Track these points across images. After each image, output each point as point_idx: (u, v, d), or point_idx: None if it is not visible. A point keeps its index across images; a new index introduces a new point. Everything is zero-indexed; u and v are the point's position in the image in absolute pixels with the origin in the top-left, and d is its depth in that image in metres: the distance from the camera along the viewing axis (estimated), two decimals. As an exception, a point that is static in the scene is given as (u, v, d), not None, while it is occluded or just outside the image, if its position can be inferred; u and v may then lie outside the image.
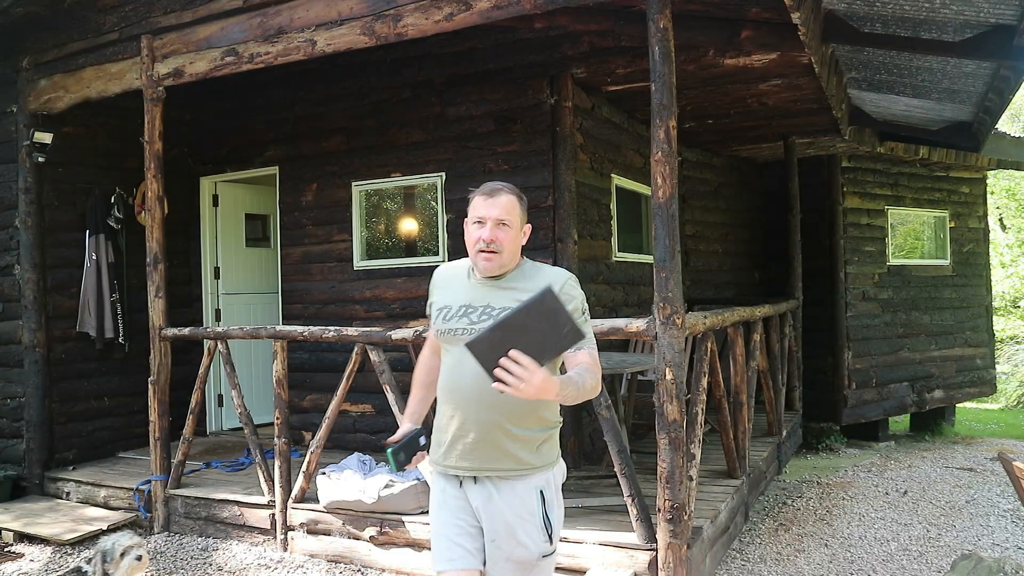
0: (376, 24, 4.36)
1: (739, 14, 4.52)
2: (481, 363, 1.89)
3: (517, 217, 2.27)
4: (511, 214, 2.25)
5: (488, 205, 2.24)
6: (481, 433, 2.21)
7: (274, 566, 4.45)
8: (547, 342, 1.90)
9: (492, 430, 2.20)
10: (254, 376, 7.21)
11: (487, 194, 2.27)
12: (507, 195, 2.27)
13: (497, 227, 2.23)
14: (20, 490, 5.78)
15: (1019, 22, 4.34)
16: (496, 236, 2.22)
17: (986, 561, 3.81)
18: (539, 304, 1.88)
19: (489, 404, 2.16)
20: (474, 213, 2.27)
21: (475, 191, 2.31)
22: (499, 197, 2.25)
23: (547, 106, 5.47)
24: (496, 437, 2.20)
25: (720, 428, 4.72)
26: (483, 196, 2.27)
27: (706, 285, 8.46)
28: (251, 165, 6.80)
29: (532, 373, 1.86)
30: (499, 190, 2.27)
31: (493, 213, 2.23)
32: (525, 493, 2.23)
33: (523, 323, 1.87)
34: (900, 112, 7.20)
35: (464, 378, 2.18)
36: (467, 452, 2.24)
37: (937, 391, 9.40)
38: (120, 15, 5.29)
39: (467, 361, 1.98)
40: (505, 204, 2.25)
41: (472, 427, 2.22)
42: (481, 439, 2.21)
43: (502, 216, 2.24)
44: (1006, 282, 15.72)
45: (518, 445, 2.22)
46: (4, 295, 6.00)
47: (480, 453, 2.23)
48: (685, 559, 3.54)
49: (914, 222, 9.64)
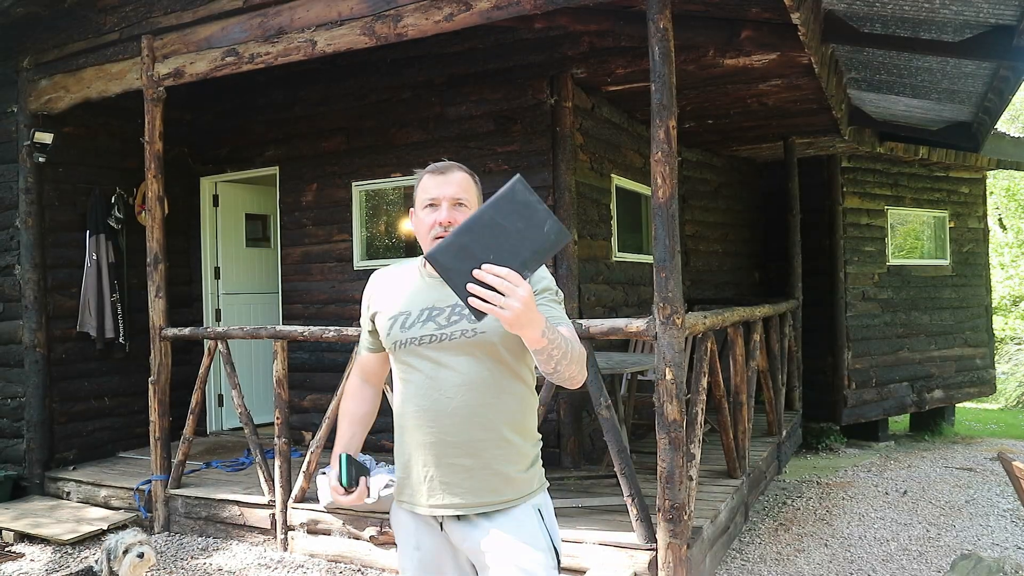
0: (376, 24, 4.36)
1: (739, 14, 4.53)
2: (448, 280, 1.52)
3: (474, 198, 1.95)
4: (468, 193, 1.92)
5: (440, 183, 1.91)
6: (471, 455, 1.84)
7: (274, 566, 4.45)
8: (526, 244, 1.52)
9: (486, 448, 1.85)
10: (254, 376, 7.21)
11: (437, 172, 1.94)
12: (460, 172, 1.94)
13: (454, 208, 1.89)
14: (20, 490, 5.78)
15: (1019, 22, 4.35)
16: (455, 218, 1.87)
17: (985, 561, 3.82)
18: (510, 197, 1.52)
19: (482, 414, 1.84)
20: (424, 195, 1.93)
21: (421, 171, 1.99)
22: (452, 174, 1.92)
23: (547, 106, 5.48)
24: (490, 457, 1.85)
25: (720, 428, 4.72)
26: (433, 175, 1.94)
27: (706, 285, 8.46)
28: (251, 165, 6.81)
29: (516, 284, 1.50)
30: (450, 167, 1.95)
31: (448, 192, 1.90)
32: (522, 516, 1.88)
33: (494, 222, 1.52)
34: (900, 112, 7.20)
35: (444, 391, 1.84)
36: (451, 485, 1.85)
37: (937, 391, 9.40)
38: (120, 15, 5.29)
39: (444, 372, 1.82)
40: (460, 181, 1.92)
41: (459, 451, 1.84)
42: (472, 464, 1.84)
43: (458, 195, 1.90)
44: (1006, 282, 15.72)
45: (514, 461, 1.87)
46: (5, 295, 6.00)
47: (470, 483, 1.85)
48: (685, 559, 3.55)
49: (914, 222, 9.64)
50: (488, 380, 1.85)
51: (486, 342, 1.83)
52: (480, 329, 1.82)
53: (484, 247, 1.51)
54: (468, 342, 1.83)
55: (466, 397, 1.83)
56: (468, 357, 1.84)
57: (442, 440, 1.85)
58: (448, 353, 1.85)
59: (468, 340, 1.83)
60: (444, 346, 1.85)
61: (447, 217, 1.87)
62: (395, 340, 1.91)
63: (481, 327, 1.81)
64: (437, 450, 1.85)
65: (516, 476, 1.88)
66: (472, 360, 1.84)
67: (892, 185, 9.21)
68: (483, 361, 1.84)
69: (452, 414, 1.84)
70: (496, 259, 1.51)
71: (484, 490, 1.85)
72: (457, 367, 1.83)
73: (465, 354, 1.84)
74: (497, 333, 1.80)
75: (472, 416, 1.83)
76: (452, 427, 1.84)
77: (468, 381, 1.82)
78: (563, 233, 1.54)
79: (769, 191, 9.24)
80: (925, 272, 9.45)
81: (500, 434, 1.86)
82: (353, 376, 2.16)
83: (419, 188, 1.95)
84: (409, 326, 1.89)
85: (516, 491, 1.88)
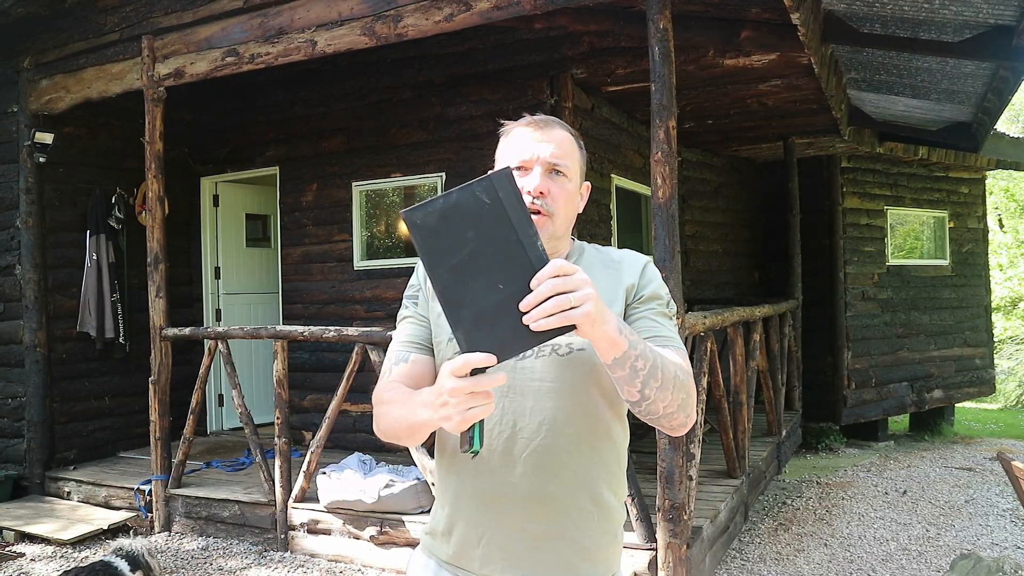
0: (376, 24, 4.37)
1: (739, 14, 4.54)
2: (455, 319, 1.08)
3: (577, 165, 1.43)
4: (569, 158, 1.41)
5: (536, 140, 1.40)
6: (547, 519, 1.34)
7: (274, 565, 4.46)
8: (512, 241, 1.08)
9: (568, 511, 1.35)
10: (254, 376, 7.22)
11: (535, 125, 1.42)
12: (562, 130, 1.43)
13: (549, 174, 1.39)
14: (21, 490, 5.79)
15: (1018, 23, 4.35)
16: (548, 187, 1.38)
17: (985, 560, 3.83)
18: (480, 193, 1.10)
19: (571, 464, 1.34)
20: (512, 152, 1.41)
21: (509, 124, 1.47)
22: (553, 130, 1.42)
23: (547, 106, 5.48)
24: (572, 523, 1.35)
25: (720, 428, 4.73)
26: (528, 127, 1.42)
27: (706, 285, 8.47)
28: (252, 165, 6.81)
29: (568, 272, 1.06)
30: (550, 121, 1.44)
31: (544, 152, 1.38)
32: None
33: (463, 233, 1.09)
34: (899, 112, 7.21)
35: (521, 428, 1.34)
36: (514, 556, 1.35)
37: (936, 391, 9.41)
38: (121, 15, 5.30)
39: (522, 403, 1.33)
40: (562, 141, 1.41)
41: (532, 511, 1.34)
42: (545, 531, 1.34)
43: (557, 159, 1.39)
44: (1004, 283, 15.72)
45: (603, 530, 1.38)
46: (5, 295, 6.01)
47: (543, 553, 1.34)
48: (685, 558, 3.55)
49: (913, 222, 9.64)
50: (583, 417, 1.35)
51: (584, 361, 1.33)
52: (578, 344, 1.33)
53: (475, 266, 1.08)
54: (560, 361, 1.34)
55: (551, 438, 1.33)
56: (556, 382, 1.34)
57: (510, 495, 1.34)
58: (531, 374, 1.35)
59: (560, 359, 1.34)
60: (526, 365, 1.35)
61: (540, 185, 1.37)
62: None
63: (579, 341, 1.31)
64: (500, 507, 1.35)
65: (600, 549, 1.39)
66: (563, 387, 1.34)
67: (892, 185, 9.22)
68: (577, 389, 1.34)
69: (528, 459, 1.33)
70: (502, 273, 1.08)
71: (559, 566, 1.35)
72: (542, 395, 1.34)
73: (552, 378, 1.34)
74: None
75: (558, 464, 1.34)
76: (526, 478, 1.33)
77: (555, 417, 1.32)
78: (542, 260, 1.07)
79: (769, 191, 9.25)
80: (925, 272, 9.46)
81: (592, 492, 1.37)
82: (391, 391, 1.36)
83: (506, 143, 1.44)
84: None
85: (597, 570, 1.38)
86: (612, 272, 1.41)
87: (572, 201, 1.42)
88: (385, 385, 1.38)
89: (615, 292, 1.38)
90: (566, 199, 1.39)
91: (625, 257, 1.45)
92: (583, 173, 1.46)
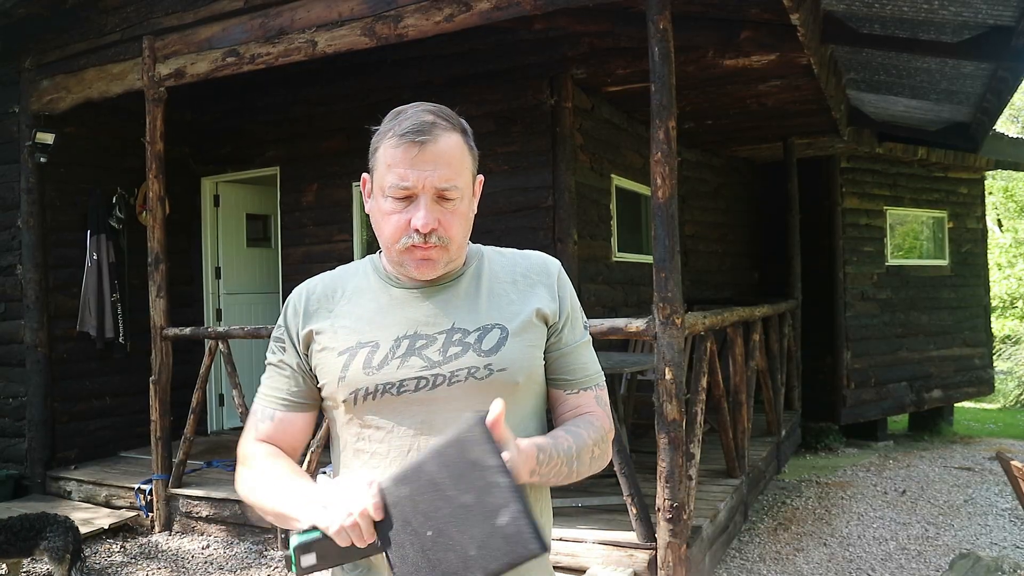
0: (376, 25, 4.38)
1: (738, 15, 4.55)
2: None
3: (469, 173, 1.27)
4: (460, 174, 1.24)
5: (421, 160, 1.20)
6: None
7: (274, 565, 4.47)
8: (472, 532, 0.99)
9: None
10: (255, 376, 7.18)
11: (413, 138, 1.20)
12: (445, 134, 1.23)
13: (438, 203, 1.22)
14: (22, 489, 5.80)
15: (1017, 23, 4.36)
16: (439, 219, 1.22)
17: (984, 560, 3.84)
18: (457, 447, 1.02)
19: None
20: (389, 172, 1.22)
21: (385, 125, 1.27)
22: (437, 141, 1.21)
23: (547, 107, 5.50)
24: None
25: (719, 428, 4.74)
26: (410, 145, 1.20)
27: (705, 285, 8.48)
28: (252, 165, 6.82)
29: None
30: (431, 126, 1.21)
31: (431, 178, 1.20)
32: None
33: (433, 483, 1.01)
34: (899, 113, 7.22)
35: None
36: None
37: (936, 391, 9.42)
38: (122, 16, 5.31)
39: (444, 430, 1.13)
40: (450, 155, 1.22)
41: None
42: None
43: (446, 181, 1.21)
44: (1003, 283, 15.73)
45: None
46: (6, 295, 6.02)
47: None
48: (684, 558, 3.56)
49: (913, 222, 9.66)
50: None
51: (506, 384, 1.24)
52: (497, 365, 1.23)
53: (424, 514, 1.00)
54: (479, 386, 1.23)
55: None
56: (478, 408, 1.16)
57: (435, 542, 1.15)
58: (446, 405, 1.23)
59: (479, 383, 1.23)
60: (439, 395, 1.23)
61: (426, 221, 1.20)
62: (355, 388, 1.23)
63: (498, 361, 1.23)
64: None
65: None
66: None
67: (891, 185, 9.23)
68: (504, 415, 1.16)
69: None
70: (435, 540, 0.99)
71: None
72: None
73: (473, 405, 1.18)
74: (522, 368, 1.26)
75: None
76: None
77: None
78: (525, 540, 0.96)
79: (768, 191, 9.26)
80: (924, 272, 9.47)
81: None
82: (254, 448, 1.30)
83: (385, 156, 1.24)
84: (379, 364, 1.23)
85: None
86: (521, 286, 1.32)
87: (466, 219, 1.28)
88: (251, 446, 1.31)
89: (524, 304, 1.29)
90: (460, 222, 1.25)
91: (533, 266, 1.35)
92: (475, 172, 1.29)
